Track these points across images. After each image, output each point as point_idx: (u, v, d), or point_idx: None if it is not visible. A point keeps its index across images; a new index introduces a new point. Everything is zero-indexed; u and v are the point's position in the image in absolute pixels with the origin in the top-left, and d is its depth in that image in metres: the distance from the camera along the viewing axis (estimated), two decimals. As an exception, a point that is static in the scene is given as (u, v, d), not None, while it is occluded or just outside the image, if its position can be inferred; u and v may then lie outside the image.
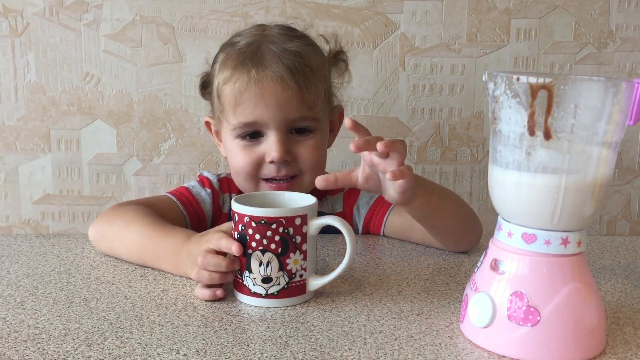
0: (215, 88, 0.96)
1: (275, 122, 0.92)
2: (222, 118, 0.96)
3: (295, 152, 0.94)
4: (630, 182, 1.39)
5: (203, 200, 1.00)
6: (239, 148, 0.95)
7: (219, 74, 0.95)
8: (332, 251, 0.92)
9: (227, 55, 0.96)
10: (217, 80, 0.95)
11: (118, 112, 1.34)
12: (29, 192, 1.37)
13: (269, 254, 0.70)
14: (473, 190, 1.38)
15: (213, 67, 1.00)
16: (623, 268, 0.88)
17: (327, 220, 0.71)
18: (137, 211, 0.88)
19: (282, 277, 0.70)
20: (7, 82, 1.32)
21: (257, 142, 0.94)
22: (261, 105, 0.91)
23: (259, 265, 0.70)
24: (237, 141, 0.95)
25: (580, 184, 0.58)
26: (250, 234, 0.70)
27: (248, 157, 0.94)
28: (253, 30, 0.99)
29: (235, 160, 0.96)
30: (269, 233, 0.69)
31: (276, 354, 0.59)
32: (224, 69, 0.94)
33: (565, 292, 0.59)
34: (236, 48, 0.95)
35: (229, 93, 0.93)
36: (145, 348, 0.60)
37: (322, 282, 0.73)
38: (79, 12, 1.30)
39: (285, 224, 0.69)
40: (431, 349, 0.61)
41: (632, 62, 1.34)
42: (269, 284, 0.70)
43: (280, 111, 0.92)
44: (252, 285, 0.71)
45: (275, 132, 0.92)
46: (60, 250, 0.91)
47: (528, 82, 0.56)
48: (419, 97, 1.34)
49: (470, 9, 1.31)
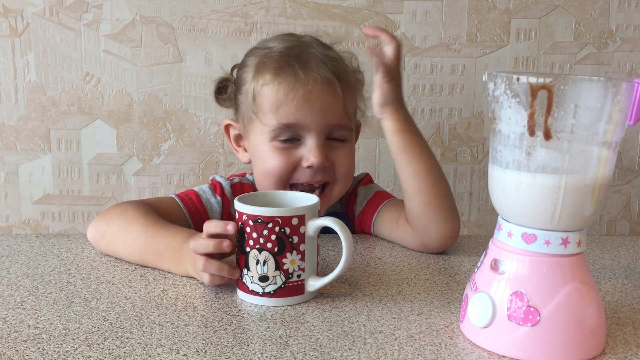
0: (251, 90, 0.94)
1: (317, 126, 0.91)
2: (255, 120, 0.94)
3: (331, 158, 0.93)
4: (630, 182, 1.39)
5: (211, 208, 0.98)
6: (274, 150, 0.93)
7: (256, 77, 0.93)
8: (332, 251, 0.92)
9: (263, 58, 0.94)
10: (254, 84, 0.93)
11: (118, 112, 1.34)
12: (29, 192, 1.37)
13: (266, 252, 0.70)
14: (473, 190, 1.38)
15: (241, 71, 0.98)
16: (623, 268, 0.88)
17: (323, 221, 0.71)
18: (137, 210, 0.87)
19: (278, 276, 0.71)
20: (7, 82, 1.32)
21: (295, 146, 0.93)
22: (305, 107, 0.90)
23: (256, 264, 0.70)
24: (273, 143, 0.93)
25: (580, 184, 0.58)
26: (247, 232, 0.70)
27: (285, 160, 0.92)
28: (286, 37, 0.98)
29: (268, 163, 0.94)
30: (265, 232, 0.70)
31: (276, 354, 0.59)
32: (263, 71, 0.93)
33: (565, 292, 0.59)
34: (275, 51, 0.94)
35: (271, 94, 0.91)
36: (145, 348, 0.60)
37: (320, 284, 0.72)
38: (79, 12, 1.30)
39: (281, 224, 0.69)
40: (431, 349, 0.61)
41: (632, 62, 1.34)
42: (266, 283, 0.71)
43: (323, 115, 0.91)
44: (250, 283, 0.72)
45: (316, 137, 0.92)
46: (60, 250, 0.91)
47: (528, 82, 0.56)
48: (419, 97, 1.34)
49: (470, 9, 1.31)
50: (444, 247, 0.91)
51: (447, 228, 0.90)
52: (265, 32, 1.30)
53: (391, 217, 0.97)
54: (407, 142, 0.89)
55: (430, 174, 0.89)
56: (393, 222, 0.96)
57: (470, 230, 1.40)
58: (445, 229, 0.90)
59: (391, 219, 0.96)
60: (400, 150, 0.90)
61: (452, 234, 0.90)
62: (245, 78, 0.96)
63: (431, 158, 0.91)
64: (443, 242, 0.91)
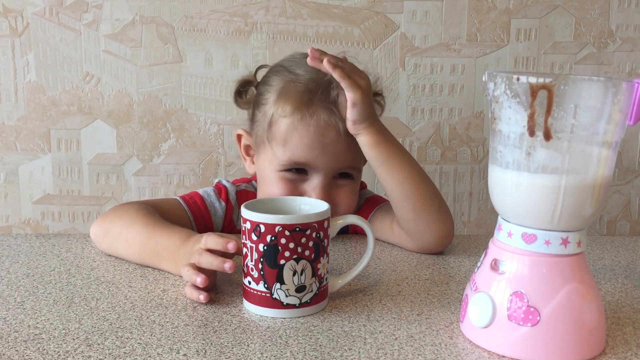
0: (269, 116, 0.93)
1: (326, 167, 0.91)
2: (267, 145, 0.94)
3: (333, 196, 0.93)
4: (630, 182, 1.39)
5: (215, 213, 0.98)
6: (279, 179, 0.93)
7: (277, 104, 0.92)
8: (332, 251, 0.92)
9: (288, 85, 0.93)
10: (274, 110, 0.92)
11: (118, 112, 1.34)
12: (29, 192, 1.37)
13: (304, 261, 0.67)
14: (473, 190, 1.38)
15: (263, 89, 0.96)
16: (623, 268, 0.88)
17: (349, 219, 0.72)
18: (140, 210, 0.88)
19: (314, 283, 0.68)
20: (7, 82, 1.32)
21: (300, 179, 0.93)
22: (318, 149, 0.90)
23: (293, 275, 0.67)
24: (281, 173, 0.93)
25: (580, 184, 0.58)
26: (283, 243, 0.66)
27: (288, 190, 0.92)
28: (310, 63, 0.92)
29: (271, 189, 0.93)
30: (303, 240, 0.66)
31: (276, 354, 0.59)
32: (284, 100, 0.91)
33: (565, 292, 0.59)
34: (301, 81, 0.92)
35: (287, 128, 0.90)
36: (145, 348, 0.60)
37: (342, 283, 0.73)
38: (79, 12, 1.30)
39: (317, 229, 0.67)
40: (431, 349, 0.61)
41: (632, 62, 1.34)
42: (303, 293, 0.68)
43: (334, 159, 0.91)
44: (284, 298, 0.67)
45: (323, 177, 0.92)
46: (60, 250, 0.91)
47: (528, 82, 0.56)
48: (419, 97, 1.34)
49: (470, 9, 1.31)
50: (441, 248, 0.92)
51: (440, 229, 0.90)
52: (265, 32, 1.30)
53: (384, 223, 0.96)
54: (385, 154, 0.88)
55: (413, 181, 0.89)
56: (387, 228, 0.96)
57: (470, 230, 1.40)
58: (439, 231, 0.90)
59: (384, 226, 0.96)
60: (381, 163, 0.89)
61: (446, 234, 0.90)
62: (266, 98, 0.95)
63: (412, 164, 0.90)
64: (439, 243, 0.91)
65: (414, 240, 0.91)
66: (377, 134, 0.88)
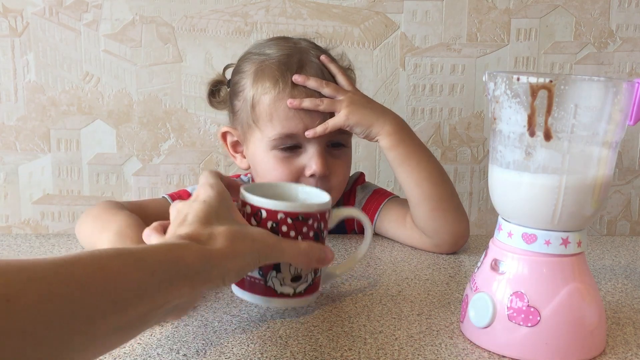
0: (250, 98, 0.92)
1: None
2: (254, 128, 0.93)
3: (331, 167, 0.92)
4: (630, 182, 1.39)
5: None
6: (275, 160, 0.92)
7: (255, 85, 0.92)
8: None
9: (261, 65, 0.93)
10: (254, 91, 0.92)
11: (118, 112, 1.34)
12: (28, 192, 1.37)
13: None
14: (473, 190, 1.38)
15: (237, 77, 0.96)
16: (623, 268, 0.87)
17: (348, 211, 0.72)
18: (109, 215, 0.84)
19: (310, 273, 0.67)
20: (7, 82, 1.32)
21: (296, 154, 0.92)
22: (306, 117, 0.89)
23: (290, 264, 0.64)
24: (273, 152, 0.91)
25: (580, 184, 0.58)
26: (284, 231, 0.63)
27: (287, 170, 0.91)
28: (282, 43, 0.96)
29: (270, 173, 0.92)
30: (304, 229, 0.64)
31: (276, 354, 0.59)
32: (262, 79, 0.91)
33: (565, 292, 0.59)
34: (272, 58, 0.92)
35: (270, 103, 0.90)
36: (145, 348, 0.60)
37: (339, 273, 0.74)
38: (79, 12, 1.30)
39: (319, 219, 0.66)
40: (431, 349, 0.61)
41: (633, 62, 1.34)
42: (298, 282, 0.66)
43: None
44: (279, 286, 0.65)
45: (317, 146, 0.91)
46: (60, 250, 0.91)
47: (528, 82, 0.56)
48: (419, 97, 1.34)
49: (471, 9, 1.31)
50: (457, 247, 0.92)
51: (457, 229, 0.91)
52: (265, 32, 1.30)
53: (398, 215, 0.96)
54: (403, 155, 0.90)
55: (432, 180, 0.90)
56: (400, 221, 0.95)
57: (470, 230, 1.38)
58: (456, 230, 0.91)
59: (398, 217, 0.96)
60: (399, 164, 0.90)
61: (463, 234, 0.92)
62: (243, 84, 0.94)
63: (431, 163, 0.91)
64: (455, 243, 0.92)
65: (430, 238, 0.91)
66: (391, 136, 0.90)
